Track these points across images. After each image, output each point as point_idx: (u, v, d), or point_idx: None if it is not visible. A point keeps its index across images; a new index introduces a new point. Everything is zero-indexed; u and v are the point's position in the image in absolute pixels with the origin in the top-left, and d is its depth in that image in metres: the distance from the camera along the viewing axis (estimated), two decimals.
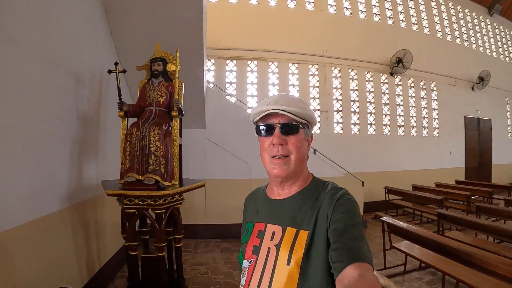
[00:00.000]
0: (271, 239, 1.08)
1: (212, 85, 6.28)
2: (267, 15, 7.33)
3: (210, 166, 5.49)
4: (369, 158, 7.75)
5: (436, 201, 5.92)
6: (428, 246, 3.45)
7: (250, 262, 1.10)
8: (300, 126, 1.10)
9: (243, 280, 1.11)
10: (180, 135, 3.29)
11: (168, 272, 3.07)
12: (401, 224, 3.84)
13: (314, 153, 6.18)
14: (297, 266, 0.99)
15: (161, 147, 2.71)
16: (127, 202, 2.65)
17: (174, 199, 2.80)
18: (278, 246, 1.04)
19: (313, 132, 1.18)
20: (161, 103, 3.00)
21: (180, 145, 3.30)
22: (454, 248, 3.11)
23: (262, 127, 1.11)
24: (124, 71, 3.02)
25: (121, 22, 3.70)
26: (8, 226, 2.05)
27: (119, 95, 2.89)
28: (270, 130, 1.09)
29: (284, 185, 1.14)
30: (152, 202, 2.65)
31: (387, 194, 7.17)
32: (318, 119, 7.47)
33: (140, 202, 2.65)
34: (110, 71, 2.98)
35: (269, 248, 1.06)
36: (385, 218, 4.07)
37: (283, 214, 1.10)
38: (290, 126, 1.08)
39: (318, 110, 7.55)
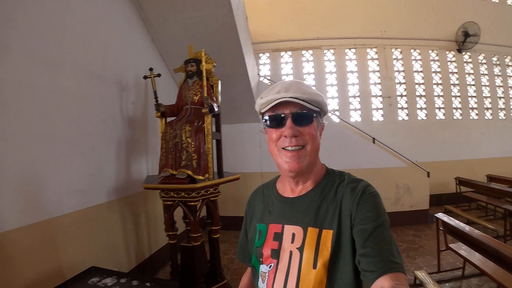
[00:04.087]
0: (292, 242, 1.01)
1: (263, 78, 6.35)
2: (318, 1, 7.07)
3: (266, 159, 5.54)
4: (438, 146, 6.96)
5: None
6: (486, 254, 2.70)
7: (270, 267, 1.04)
8: (314, 115, 1.01)
9: (262, 285, 1.05)
10: (218, 131, 3.44)
11: (208, 262, 3.24)
12: (457, 223, 3.14)
13: (374, 142, 5.81)
14: (325, 269, 0.94)
15: (192, 143, 2.87)
16: (164, 195, 2.88)
17: (209, 192, 2.94)
18: (301, 249, 0.98)
19: (325, 122, 1.09)
20: (196, 101, 3.16)
21: (218, 140, 3.46)
22: None
23: (271, 118, 1.02)
24: (158, 75, 3.25)
25: (159, 29, 3.97)
26: (57, 213, 2.46)
27: (155, 98, 3.13)
28: (280, 121, 1.00)
29: (299, 180, 1.06)
30: (185, 195, 2.82)
31: (458, 186, 6.36)
32: (380, 105, 7.09)
33: (175, 195, 2.85)
34: (145, 77, 3.27)
35: (291, 252, 1.00)
36: (440, 215, 3.48)
37: (302, 213, 1.03)
38: (303, 116, 0.99)
39: (380, 96, 7.07)
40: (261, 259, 1.07)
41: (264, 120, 1.06)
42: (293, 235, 1.01)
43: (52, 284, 2.13)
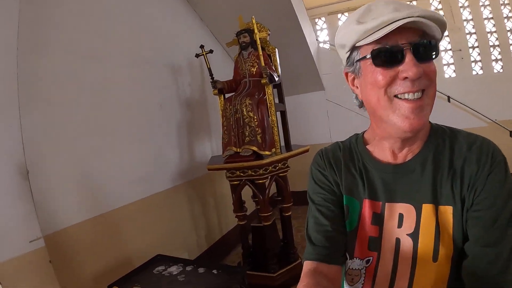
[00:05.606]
0: (399, 226, 0.77)
1: (323, 44, 5.92)
2: None
3: (335, 129, 5.20)
4: None
5: None
6: None
7: (368, 263, 0.80)
8: (438, 45, 0.72)
9: None
10: (281, 101, 3.21)
11: (281, 241, 3.08)
12: None
13: (449, 101, 5.22)
14: (448, 261, 0.71)
15: (255, 117, 2.68)
16: (229, 174, 2.76)
17: (277, 167, 2.75)
18: (414, 236, 0.74)
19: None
20: (253, 73, 2.96)
21: (283, 112, 3.23)
22: None
23: (380, 52, 0.69)
24: (210, 51, 3.08)
25: (205, 6, 3.80)
26: (119, 204, 2.45)
27: (211, 75, 2.99)
28: (396, 55, 0.68)
29: (407, 143, 0.78)
30: (252, 173, 2.66)
31: None
32: (451, 60, 6.20)
33: (241, 174, 2.70)
34: (197, 55, 3.12)
35: (398, 240, 0.77)
36: None
37: (412, 186, 0.77)
38: (428, 47, 0.69)
39: (450, 50, 6.16)
40: (351, 251, 0.83)
41: (360, 58, 0.74)
42: (401, 216, 0.77)
43: (122, 273, 2.13)
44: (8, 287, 1.73)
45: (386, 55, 0.69)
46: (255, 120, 2.69)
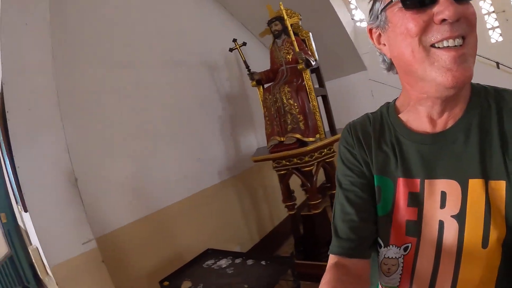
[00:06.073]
0: (442, 206, 0.65)
1: (359, 22, 5.68)
2: None
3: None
4: None
5: None
6: None
7: (406, 250, 0.70)
8: None
9: (389, 280, 0.73)
10: (322, 86, 3.13)
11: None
12: None
13: (498, 67, 4.77)
14: (499, 247, 0.59)
15: (295, 104, 2.63)
16: (276, 164, 2.74)
17: (323, 153, 2.68)
18: (460, 217, 0.63)
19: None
20: (290, 60, 2.90)
21: (324, 96, 3.14)
22: None
23: None
24: (244, 44, 3.07)
25: (234, 0, 3.79)
26: (167, 203, 2.55)
27: (247, 67, 2.98)
28: None
29: (447, 105, 0.65)
30: (298, 161, 2.61)
31: None
32: (496, 23, 5.65)
33: (287, 163, 2.67)
34: (231, 49, 3.12)
35: (441, 223, 0.65)
36: None
37: (455, 158, 0.65)
38: None
39: (493, 12, 5.61)
40: (385, 238, 0.73)
41: (385, 6, 0.63)
42: (443, 194, 0.65)
43: (173, 269, 2.20)
44: (64, 287, 1.86)
45: None
46: (296, 107, 2.64)
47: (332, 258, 0.75)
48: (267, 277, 1.90)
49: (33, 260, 2.17)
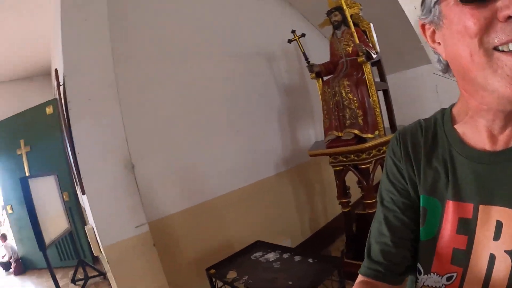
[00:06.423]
0: (496, 238, 0.56)
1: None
2: None
3: (446, 105, 4.63)
4: None
5: None
6: None
7: (449, 280, 0.62)
8: None
9: None
10: (383, 80, 2.99)
11: None
12: None
13: None
14: None
15: (355, 99, 2.54)
16: (332, 160, 2.68)
17: (381, 151, 2.57)
18: None
19: None
20: (350, 52, 2.79)
21: (386, 91, 3.00)
22: None
23: None
24: (303, 35, 3.00)
25: None
26: (221, 192, 2.63)
27: (306, 59, 2.93)
28: None
29: (511, 119, 0.57)
30: (355, 157, 2.53)
31: None
32: None
33: (344, 159, 2.59)
34: (289, 40, 3.06)
35: (492, 256, 0.56)
36: None
37: None
38: None
39: None
40: (427, 265, 0.65)
41: None
42: (499, 224, 0.56)
43: (222, 256, 2.26)
44: (115, 267, 2.01)
45: None
46: (355, 101, 2.55)
47: (359, 277, 0.73)
48: (312, 276, 1.88)
49: (88, 239, 2.35)
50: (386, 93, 3.00)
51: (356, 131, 2.51)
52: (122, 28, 2.28)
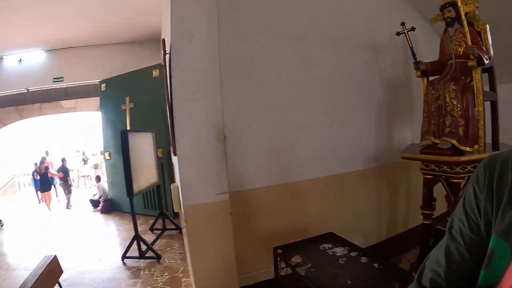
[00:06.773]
0: None
1: None
2: None
3: None
4: None
5: None
6: None
7: None
8: None
9: None
10: (493, 90, 2.70)
11: None
12: None
13: None
14: None
15: (458, 106, 2.33)
16: (424, 167, 2.53)
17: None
18: None
19: None
20: (460, 53, 2.56)
21: (493, 102, 2.72)
22: None
23: None
24: (412, 29, 2.80)
25: None
26: (306, 177, 2.71)
27: (413, 55, 2.74)
28: None
29: None
30: (448, 169, 2.34)
31: None
32: None
33: (436, 168, 2.43)
34: (398, 33, 2.86)
35: None
36: None
37: None
38: None
39: None
40: None
41: None
42: None
43: (292, 239, 2.30)
44: (191, 225, 2.17)
45: None
46: (459, 109, 2.34)
47: None
48: (372, 281, 1.85)
49: (172, 195, 2.52)
50: (494, 104, 2.71)
51: (454, 141, 2.31)
52: (230, 5, 2.33)
